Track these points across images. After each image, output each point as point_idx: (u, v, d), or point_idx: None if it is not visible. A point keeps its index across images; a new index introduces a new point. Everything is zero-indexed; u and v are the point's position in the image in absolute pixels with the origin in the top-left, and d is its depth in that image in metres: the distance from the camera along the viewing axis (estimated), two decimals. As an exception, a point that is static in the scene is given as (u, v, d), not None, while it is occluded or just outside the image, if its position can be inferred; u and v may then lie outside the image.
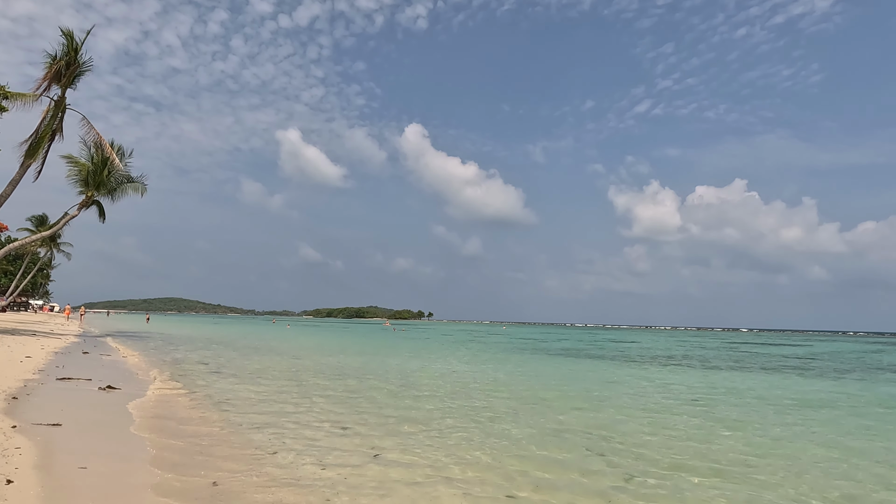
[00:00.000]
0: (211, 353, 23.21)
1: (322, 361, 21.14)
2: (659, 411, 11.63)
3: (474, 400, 12.34)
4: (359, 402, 11.43)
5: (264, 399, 11.19)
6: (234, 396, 11.33)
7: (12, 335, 23.61)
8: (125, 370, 14.92)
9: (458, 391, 13.79)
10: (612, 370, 22.02)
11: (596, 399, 13.21)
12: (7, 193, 26.73)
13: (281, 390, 12.64)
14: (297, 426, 8.64)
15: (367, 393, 12.80)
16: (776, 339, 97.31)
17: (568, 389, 14.96)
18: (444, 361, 23.65)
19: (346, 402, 11.37)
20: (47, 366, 13.91)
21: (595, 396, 13.65)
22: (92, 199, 33.97)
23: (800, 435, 9.67)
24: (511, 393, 13.81)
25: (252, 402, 10.80)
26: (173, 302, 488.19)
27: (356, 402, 11.30)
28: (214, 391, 11.99)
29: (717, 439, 8.90)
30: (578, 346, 44.84)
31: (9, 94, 25.37)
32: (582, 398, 13.27)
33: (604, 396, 13.76)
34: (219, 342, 32.48)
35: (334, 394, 12.43)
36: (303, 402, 11.01)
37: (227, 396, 11.31)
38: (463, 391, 13.82)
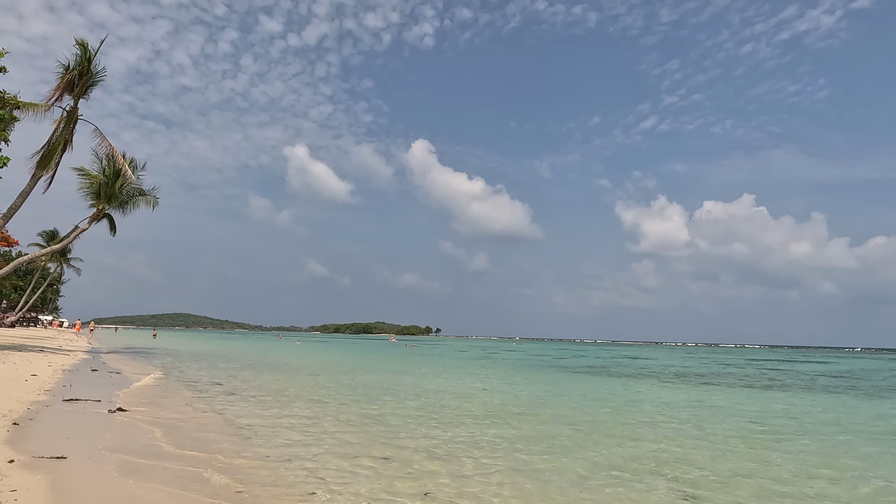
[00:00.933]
0: (224, 371, 22.24)
1: (340, 380, 20.13)
2: (728, 440, 10.50)
3: (518, 426, 11.27)
4: (392, 426, 10.41)
5: (288, 425, 10.18)
6: (254, 422, 10.33)
7: (19, 351, 22.77)
8: (135, 390, 13.98)
9: (496, 414, 12.72)
10: (649, 390, 20.83)
11: (650, 424, 12.08)
12: (17, 205, 26.10)
13: (304, 414, 11.64)
14: (329, 457, 7.64)
15: (399, 417, 11.77)
16: (793, 355, 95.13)
17: (613, 413, 13.83)
18: (468, 380, 22.55)
19: (377, 426, 10.34)
20: (54, 385, 13.00)
21: (648, 421, 12.50)
22: (103, 212, 33.36)
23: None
24: (553, 417, 12.72)
25: (275, 428, 9.80)
26: (181, 317, 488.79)
27: (390, 428, 10.27)
28: (233, 415, 11.00)
29: (828, 484, 7.70)
30: (598, 362, 43.51)
31: (20, 104, 24.84)
32: (634, 423, 12.15)
33: (657, 421, 12.64)
34: (230, 359, 31.53)
35: (363, 418, 11.41)
36: (330, 428, 10.00)
37: (247, 422, 10.31)
38: (501, 415, 12.75)
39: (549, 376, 26.56)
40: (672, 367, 40.13)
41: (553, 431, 10.63)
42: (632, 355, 66.60)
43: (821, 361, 64.21)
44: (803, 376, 33.21)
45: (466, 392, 17.53)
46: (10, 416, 8.59)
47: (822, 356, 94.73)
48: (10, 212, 26.00)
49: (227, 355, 35.82)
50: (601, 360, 47.67)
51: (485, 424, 11.16)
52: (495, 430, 10.56)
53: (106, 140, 28.67)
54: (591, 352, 77.60)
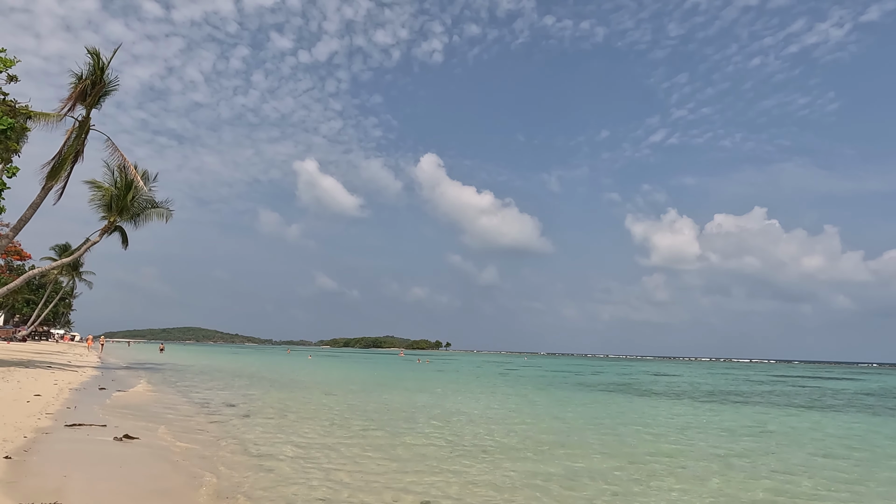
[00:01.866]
0: (237, 390, 21.26)
1: (358, 400, 19.06)
2: (848, 476, 9.33)
3: (567, 458, 10.14)
4: (423, 456, 9.34)
5: (311, 457, 9.15)
6: (275, 451, 9.30)
7: (26, 368, 21.95)
8: (144, 412, 13.01)
9: (539, 444, 11.59)
10: (694, 412, 19.53)
11: (736, 457, 10.81)
12: (27, 217, 25.48)
13: (327, 443, 10.60)
14: (363, 496, 6.60)
15: (430, 445, 10.70)
16: (813, 371, 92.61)
17: (675, 444, 12.59)
18: (492, 401, 21.38)
19: (407, 457, 9.28)
20: (58, 407, 12.06)
21: (724, 454, 11.12)
22: (114, 225, 32.73)
23: None
24: (607, 449, 11.56)
25: (297, 460, 8.77)
26: (192, 331, 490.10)
27: (422, 458, 9.21)
28: (251, 443, 9.99)
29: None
30: (620, 379, 42.05)
31: (32, 113, 24.32)
32: (712, 456, 10.91)
33: (735, 451, 11.44)
34: (242, 376, 30.56)
35: (390, 447, 10.35)
36: (359, 459, 8.95)
37: (267, 450, 9.30)
38: (543, 446, 11.63)
39: (578, 396, 25.31)
40: (700, 384, 38.62)
41: (630, 476, 9.50)
42: (652, 371, 64.88)
43: (847, 378, 62.16)
44: (841, 395, 31.66)
45: (495, 416, 16.39)
46: (3, 446, 7.64)
47: (842, 372, 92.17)
48: (20, 223, 25.38)
49: (238, 371, 34.87)
50: (623, 377, 46.17)
51: (528, 458, 10.05)
52: (543, 465, 9.46)
53: (118, 151, 28.11)
54: (607, 367, 75.86)
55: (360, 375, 36.55)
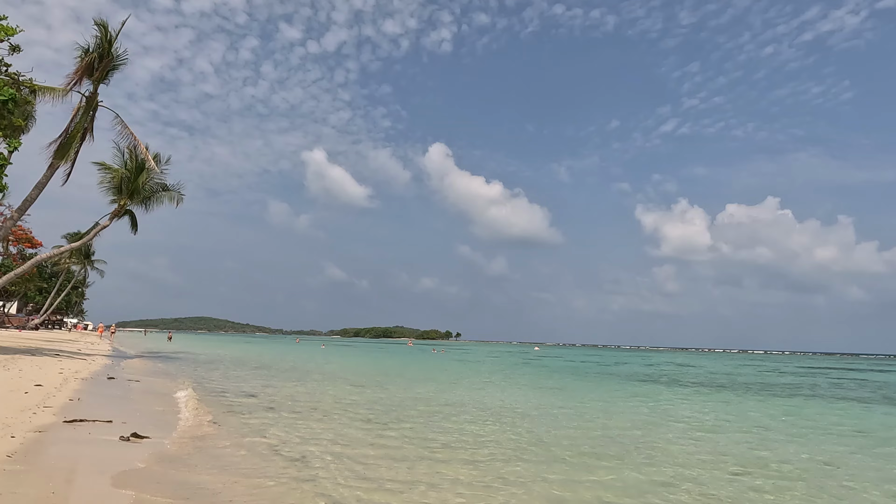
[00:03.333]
0: (255, 380, 19.90)
1: (389, 392, 17.62)
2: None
3: (681, 464, 8.60)
4: (482, 458, 7.83)
5: (353, 456, 7.68)
6: (307, 451, 7.84)
7: (32, 356, 20.73)
8: (156, 405, 11.62)
9: (624, 445, 10.07)
10: (767, 408, 17.93)
11: (859, 469, 9.30)
12: (33, 197, 24.19)
13: (366, 438, 9.12)
14: None
15: (487, 443, 9.19)
16: (835, 363, 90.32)
17: (787, 447, 11.04)
18: (535, 392, 19.87)
19: (462, 460, 7.78)
20: (59, 398, 10.68)
21: (826, 467, 9.69)
22: (125, 209, 31.48)
23: None
24: (710, 452, 10.00)
25: (341, 465, 7.29)
26: (203, 321, 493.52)
27: (485, 462, 7.70)
28: (278, 440, 8.53)
29: None
30: (647, 370, 40.40)
31: (37, 87, 22.94)
32: (866, 469, 9.37)
33: (837, 458, 9.87)
34: (257, 365, 29.28)
35: (441, 446, 8.84)
36: (416, 464, 7.46)
37: (299, 451, 7.83)
38: (633, 445, 10.09)
39: (619, 387, 23.72)
40: (734, 375, 36.90)
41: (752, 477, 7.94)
42: (673, 362, 63.09)
43: (878, 370, 60.11)
44: (887, 386, 29.83)
45: (549, 412, 14.88)
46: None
47: (868, 363, 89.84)
48: (24, 204, 24.12)
49: (253, 360, 33.63)
50: (649, 368, 44.49)
51: (633, 462, 8.51)
52: (662, 471, 7.92)
53: (128, 129, 26.70)
54: (625, 358, 74.07)
55: (378, 365, 35.20)
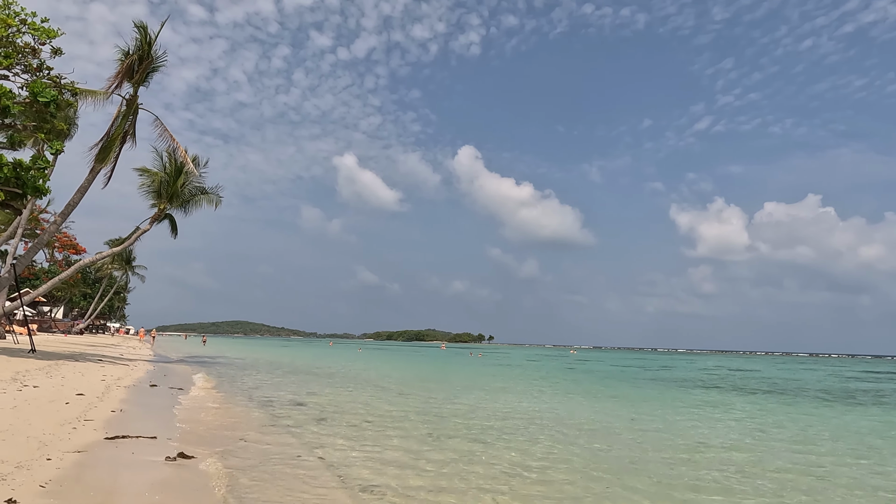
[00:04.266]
0: (298, 386, 19.12)
1: (442, 402, 16.57)
2: None
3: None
4: (577, 490, 6.67)
5: (426, 487, 6.62)
6: (384, 481, 6.81)
7: (75, 361, 20.41)
8: (201, 417, 10.81)
9: (776, 477, 8.78)
10: (854, 419, 16.28)
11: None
12: (76, 201, 24.07)
13: (435, 458, 8.06)
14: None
15: (573, 465, 8.03)
16: (892, 366, 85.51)
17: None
18: (589, 402, 18.57)
19: (558, 487, 6.64)
20: (100, 409, 9.96)
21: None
22: (164, 213, 31.38)
23: None
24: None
25: (407, 491, 6.23)
26: (240, 325, 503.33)
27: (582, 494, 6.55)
28: (337, 462, 7.55)
29: None
30: (698, 375, 38.39)
31: (77, 89, 22.72)
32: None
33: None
34: (297, 370, 28.65)
35: (525, 470, 7.72)
36: (501, 490, 6.36)
37: (366, 476, 6.82)
38: (748, 476, 8.78)
39: (675, 394, 22.17)
40: (798, 380, 34.69)
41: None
42: (724, 365, 60.36)
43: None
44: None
45: (624, 426, 13.60)
46: (16, 476, 5.37)
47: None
48: (67, 209, 24.01)
49: (291, 365, 33.08)
50: (700, 373, 42.38)
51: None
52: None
53: (167, 131, 26.44)
54: (669, 361, 71.43)
55: (419, 370, 34.23)
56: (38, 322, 62.36)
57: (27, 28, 19.87)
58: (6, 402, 9.50)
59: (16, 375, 13.32)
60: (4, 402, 9.48)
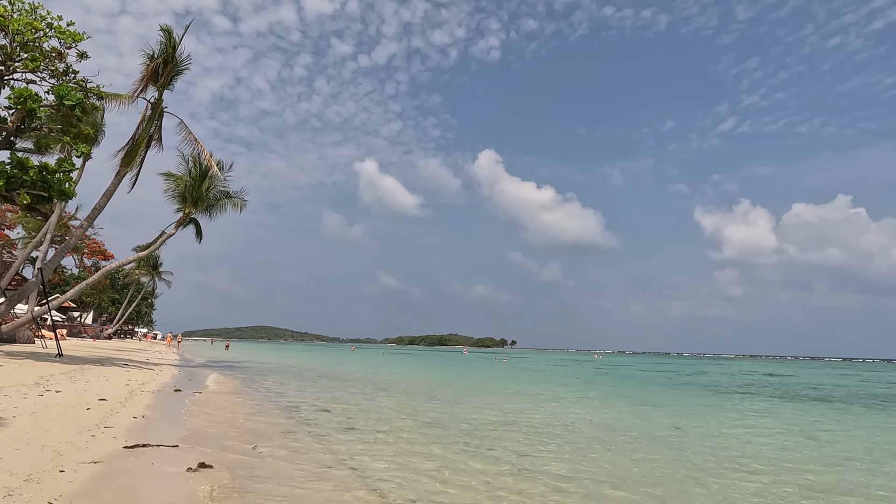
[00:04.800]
0: (324, 391, 18.62)
1: (480, 410, 15.90)
2: None
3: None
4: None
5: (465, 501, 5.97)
6: (409, 493, 6.18)
7: (101, 366, 20.26)
8: (225, 423, 10.32)
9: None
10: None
11: None
12: (102, 205, 24.08)
13: (481, 472, 7.41)
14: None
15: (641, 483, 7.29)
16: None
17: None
18: (635, 411, 17.71)
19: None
20: (122, 416, 9.54)
21: None
22: (189, 217, 31.33)
23: None
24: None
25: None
26: (264, 330, 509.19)
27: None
28: (373, 476, 6.94)
29: None
30: (737, 381, 36.98)
31: (103, 94, 22.70)
32: None
33: None
34: (323, 375, 28.23)
35: (579, 486, 7.02)
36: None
37: (398, 490, 6.19)
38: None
39: (726, 402, 21.12)
40: (845, 387, 33.13)
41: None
42: (760, 370, 58.39)
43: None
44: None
45: (692, 439, 12.76)
46: (24, 491, 4.88)
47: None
48: (94, 213, 24.02)
49: (316, 370, 32.70)
50: (737, 378, 40.87)
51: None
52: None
53: (192, 134, 26.36)
54: (701, 367, 69.48)
55: (445, 376, 33.55)
56: (67, 327, 63.35)
57: (53, 32, 19.90)
58: (26, 407, 9.13)
59: (39, 380, 13.05)
60: (24, 407, 9.11)
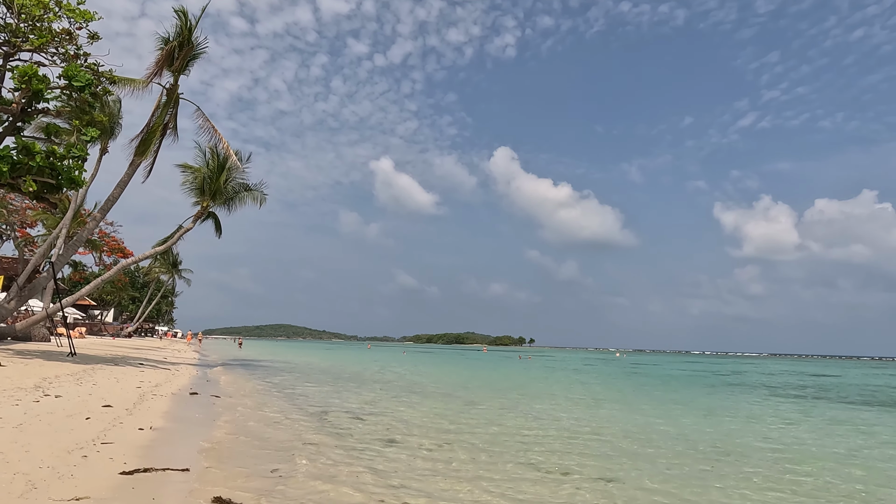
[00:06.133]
0: (351, 394, 17.13)
1: (527, 416, 14.30)
2: None
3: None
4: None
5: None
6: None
7: (114, 366, 19.01)
8: (246, 434, 8.83)
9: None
10: None
11: None
12: (116, 196, 22.91)
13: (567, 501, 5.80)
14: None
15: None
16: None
17: None
18: (699, 415, 15.96)
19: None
20: (126, 427, 8.09)
21: None
22: (207, 210, 30.13)
23: None
24: None
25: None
26: (283, 328, 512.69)
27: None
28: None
29: None
30: (780, 381, 34.83)
31: (116, 78, 21.48)
32: None
33: None
34: (347, 376, 26.83)
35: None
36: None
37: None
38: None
39: (781, 407, 19.24)
40: (886, 387, 30.90)
41: None
42: (798, 370, 55.84)
43: None
44: None
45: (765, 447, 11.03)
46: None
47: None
48: (107, 204, 22.86)
49: (340, 370, 31.34)
50: (780, 379, 38.67)
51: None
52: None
53: (209, 122, 25.11)
54: (727, 366, 66.89)
55: (475, 375, 31.96)
56: (87, 325, 63.00)
57: (62, 10, 18.68)
58: (13, 417, 7.73)
59: (41, 382, 11.72)
60: (11, 417, 7.71)
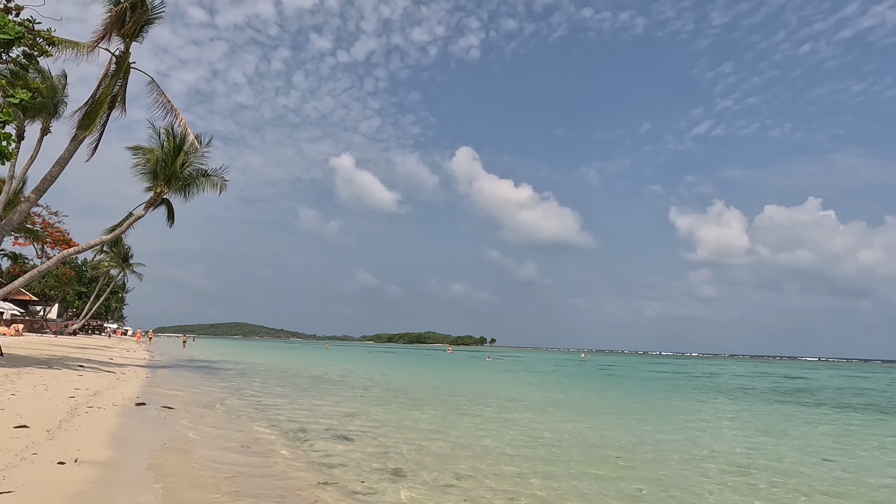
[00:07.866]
0: (328, 405, 15.05)
1: (532, 428, 12.59)
2: None
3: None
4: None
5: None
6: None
7: (48, 368, 16.40)
8: (205, 470, 6.80)
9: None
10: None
11: None
12: (54, 175, 20.12)
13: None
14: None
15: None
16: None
17: None
18: (711, 423, 14.60)
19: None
20: (39, 460, 5.97)
21: None
22: (161, 197, 27.34)
23: None
24: None
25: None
26: (239, 327, 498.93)
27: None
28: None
29: None
30: (757, 384, 34.35)
31: (55, 39, 18.76)
32: None
33: None
34: (316, 380, 24.66)
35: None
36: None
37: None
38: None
39: (800, 412, 18.19)
40: (885, 393, 30.72)
41: None
42: (769, 372, 56.19)
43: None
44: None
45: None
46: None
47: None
48: (44, 183, 20.04)
49: (307, 373, 29.07)
50: (755, 382, 38.31)
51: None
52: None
53: (164, 96, 22.48)
54: (691, 367, 67.20)
55: (452, 379, 30.19)
56: (26, 322, 58.36)
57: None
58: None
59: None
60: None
